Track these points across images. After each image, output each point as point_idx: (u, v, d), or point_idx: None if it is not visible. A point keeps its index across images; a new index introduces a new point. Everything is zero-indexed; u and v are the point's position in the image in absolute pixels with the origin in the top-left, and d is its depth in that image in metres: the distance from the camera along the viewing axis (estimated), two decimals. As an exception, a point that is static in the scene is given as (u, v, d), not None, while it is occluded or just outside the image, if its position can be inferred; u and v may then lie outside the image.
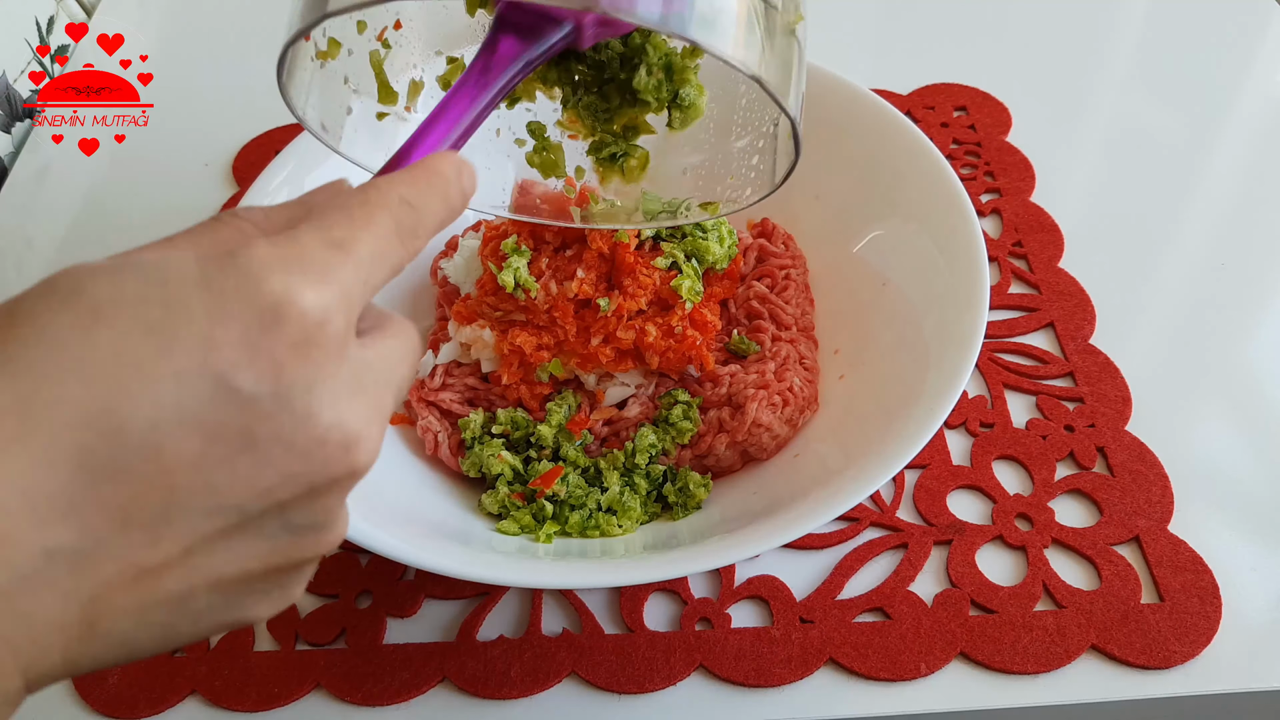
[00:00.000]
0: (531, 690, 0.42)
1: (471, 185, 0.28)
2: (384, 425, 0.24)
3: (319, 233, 0.23)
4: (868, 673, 0.42)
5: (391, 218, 0.25)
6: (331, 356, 0.22)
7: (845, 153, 0.53)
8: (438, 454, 0.47)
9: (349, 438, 0.22)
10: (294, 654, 0.44)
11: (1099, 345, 0.53)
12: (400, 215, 0.25)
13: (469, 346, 0.49)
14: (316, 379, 0.22)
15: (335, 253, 0.23)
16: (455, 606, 0.45)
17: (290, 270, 0.22)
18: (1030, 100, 0.67)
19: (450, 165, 0.27)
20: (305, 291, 0.21)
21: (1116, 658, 0.42)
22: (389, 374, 0.24)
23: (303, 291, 0.21)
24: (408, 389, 0.26)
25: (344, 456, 0.22)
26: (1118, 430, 0.49)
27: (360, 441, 0.23)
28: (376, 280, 0.24)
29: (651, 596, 0.45)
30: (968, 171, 0.63)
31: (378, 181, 0.26)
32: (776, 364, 0.48)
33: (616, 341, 0.46)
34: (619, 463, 0.46)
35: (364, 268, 0.23)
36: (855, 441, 0.44)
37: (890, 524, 0.47)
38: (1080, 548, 0.45)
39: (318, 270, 0.22)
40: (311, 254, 0.22)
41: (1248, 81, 0.69)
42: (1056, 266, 0.57)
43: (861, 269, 0.51)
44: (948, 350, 0.43)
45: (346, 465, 0.22)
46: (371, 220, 0.24)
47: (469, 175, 0.28)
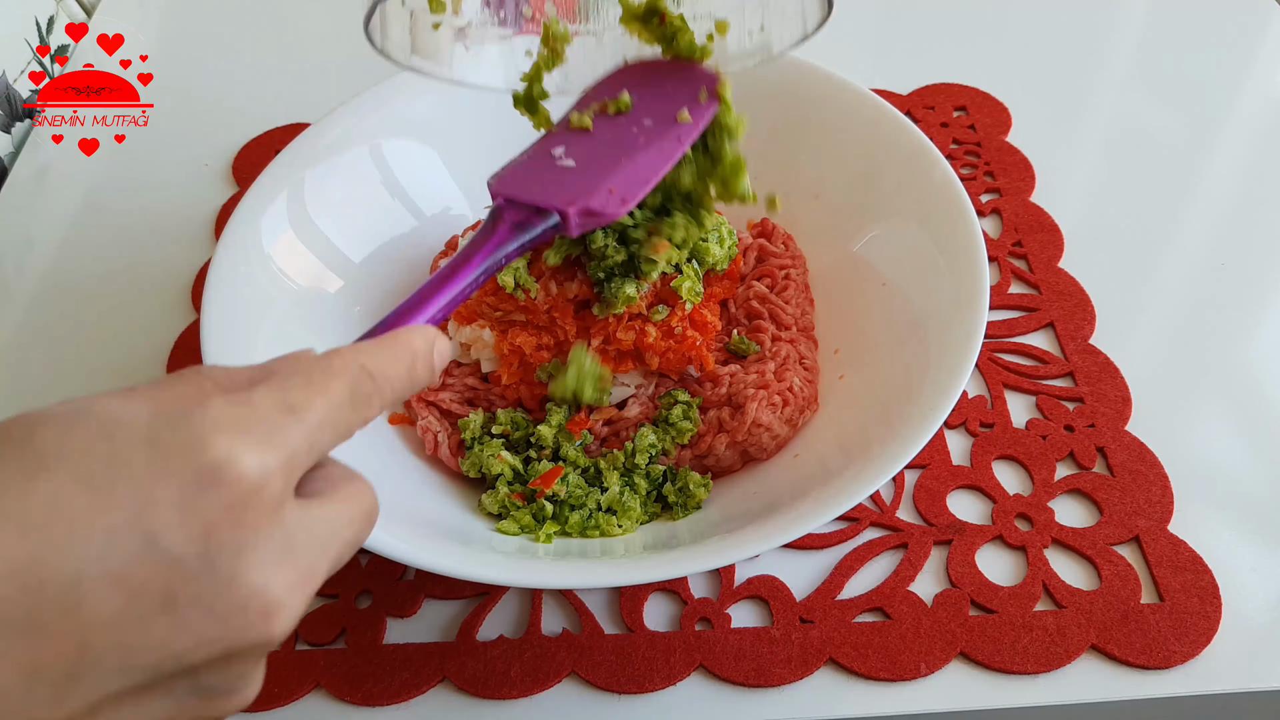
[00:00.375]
0: (531, 690, 0.42)
1: (442, 360, 0.29)
2: (309, 592, 0.24)
3: (274, 395, 0.23)
4: (868, 673, 0.42)
5: (348, 385, 0.25)
6: (265, 520, 0.22)
7: (845, 153, 0.53)
8: (438, 454, 0.47)
9: (269, 605, 0.22)
10: (294, 654, 0.44)
11: (1099, 345, 0.53)
12: (358, 383, 0.26)
13: (469, 346, 0.49)
14: (246, 543, 0.22)
15: (285, 416, 0.23)
16: (455, 606, 0.45)
17: (237, 431, 0.22)
18: (1030, 100, 0.67)
19: (422, 339, 0.28)
20: (247, 454, 0.22)
21: (1116, 658, 0.42)
22: (328, 538, 0.24)
23: (244, 453, 0.22)
24: (354, 549, 0.26)
25: (262, 624, 0.22)
26: (1118, 430, 0.49)
27: (280, 610, 0.22)
28: (324, 444, 0.25)
29: (651, 596, 0.45)
30: (968, 171, 0.63)
31: (342, 349, 0.26)
32: (776, 364, 0.48)
33: (616, 342, 0.46)
34: (619, 463, 0.46)
35: (313, 432, 0.24)
36: (855, 441, 0.44)
37: (890, 524, 0.47)
38: (1080, 548, 0.45)
39: (263, 432, 0.22)
40: (261, 415, 0.23)
41: (1248, 81, 0.69)
42: (1056, 266, 0.57)
43: (861, 269, 0.51)
44: (948, 350, 0.43)
45: (263, 633, 0.22)
46: (328, 386, 0.25)
47: (441, 351, 0.29)
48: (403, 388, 0.27)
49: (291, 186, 0.51)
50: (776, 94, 0.55)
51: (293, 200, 0.51)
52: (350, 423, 0.25)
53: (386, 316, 0.31)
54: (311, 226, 0.51)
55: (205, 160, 0.67)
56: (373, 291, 0.53)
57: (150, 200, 0.65)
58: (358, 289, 0.52)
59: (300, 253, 0.50)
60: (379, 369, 0.26)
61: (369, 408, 0.26)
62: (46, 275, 0.61)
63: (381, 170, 0.54)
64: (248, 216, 0.49)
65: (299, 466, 0.23)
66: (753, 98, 0.56)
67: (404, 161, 0.55)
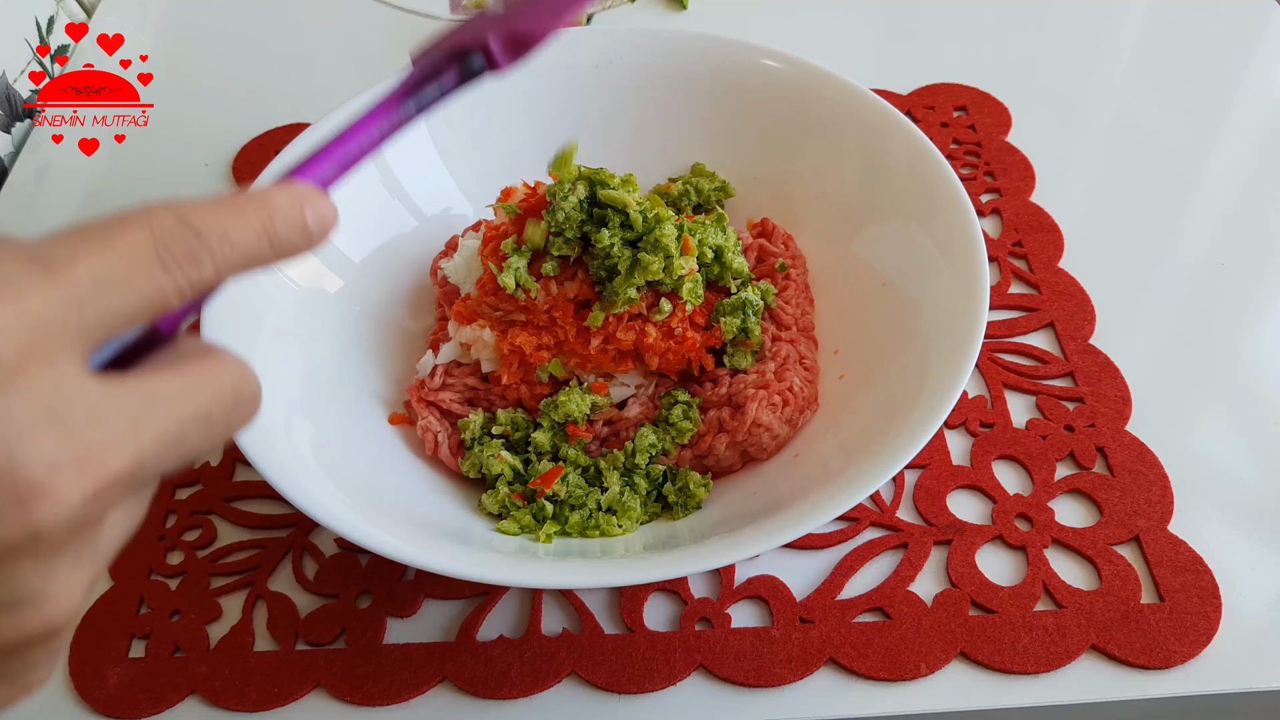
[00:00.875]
0: (531, 690, 0.42)
1: (320, 222, 0.24)
2: (101, 476, 0.19)
3: (28, 249, 0.20)
4: (868, 673, 0.42)
5: (150, 238, 0.21)
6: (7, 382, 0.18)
7: (845, 153, 0.53)
8: (438, 454, 0.47)
9: (21, 481, 0.18)
10: (294, 654, 0.44)
11: (1099, 345, 0.53)
12: (169, 236, 0.21)
13: (469, 346, 0.49)
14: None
15: (31, 269, 0.19)
16: (455, 606, 0.45)
17: None
18: (1030, 100, 0.67)
19: (285, 196, 0.24)
20: None
21: (1116, 658, 0.42)
22: (139, 412, 0.20)
23: None
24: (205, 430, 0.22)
25: (13, 507, 0.18)
26: (1118, 430, 0.49)
27: (42, 492, 0.18)
28: (106, 307, 0.20)
29: (651, 596, 0.45)
30: (968, 171, 0.63)
31: (152, 202, 0.22)
32: (776, 364, 0.48)
33: (616, 342, 0.46)
34: (619, 463, 0.46)
35: (79, 289, 0.20)
36: (855, 441, 0.44)
37: (890, 524, 0.47)
38: (1080, 548, 0.45)
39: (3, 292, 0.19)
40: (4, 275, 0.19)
41: (1248, 81, 0.69)
42: (1056, 266, 0.57)
43: (861, 269, 0.51)
44: (948, 350, 0.43)
45: (20, 522, 0.18)
46: (110, 238, 0.21)
47: (318, 211, 0.24)
48: (255, 248, 0.23)
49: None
50: (777, 94, 0.55)
51: (293, 200, 0.51)
52: (156, 284, 0.21)
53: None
54: (311, 226, 0.51)
55: (205, 160, 0.67)
56: (373, 291, 0.53)
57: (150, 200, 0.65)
58: (358, 289, 0.52)
59: (300, 253, 0.50)
60: (210, 224, 0.22)
61: (194, 266, 0.21)
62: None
63: (381, 170, 0.54)
64: (248, 216, 0.49)
65: (57, 329, 0.19)
66: (753, 97, 0.56)
67: (404, 161, 0.55)
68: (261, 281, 0.48)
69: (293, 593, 0.46)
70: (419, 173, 0.55)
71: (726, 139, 0.57)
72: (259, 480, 0.43)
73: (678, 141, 0.58)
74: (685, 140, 0.58)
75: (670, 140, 0.58)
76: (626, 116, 0.57)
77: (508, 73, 0.30)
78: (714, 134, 0.57)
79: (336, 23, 0.77)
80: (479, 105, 0.53)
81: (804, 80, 0.55)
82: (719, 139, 0.57)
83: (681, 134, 0.58)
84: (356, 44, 0.76)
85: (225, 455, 0.51)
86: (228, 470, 0.50)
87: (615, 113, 0.57)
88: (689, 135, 0.58)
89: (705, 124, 0.57)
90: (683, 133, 0.58)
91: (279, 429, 0.42)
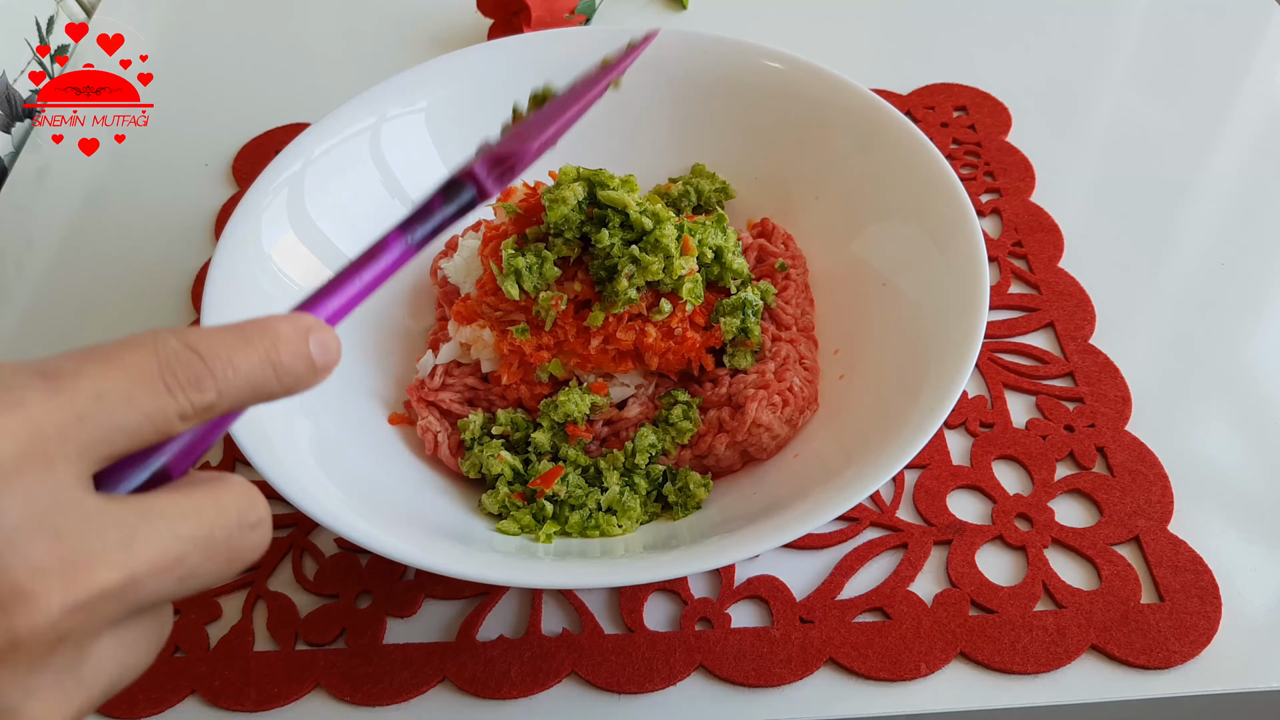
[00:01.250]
0: (531, 690, 0.42)
1: (325, 354, 0.24)
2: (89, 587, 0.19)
3: (34, 362, 0.20)
4: (868, 673, 0.42)
5: (155, 358, 0.21)
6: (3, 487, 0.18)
7: (845, 153, 0.53)
8: (438, 454, 0.47)
9: (3, 588, 0.18)
10: (294, 654, 0.44)
11: (1099, 345, 0.53)
12: (174, 358, 0.21)
13: (469, 346, 0.49)
14: None
15: (35, 379, 0.20)
16: (455, 606, 0.45)
17: None
18: (1030, 100, 0.67)
19: (290, 326, 0.24)
20: None
21: (1116, 658, 0.42)
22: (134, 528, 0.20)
23: None
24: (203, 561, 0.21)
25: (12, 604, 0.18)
26: (1118, 430, 0.49)
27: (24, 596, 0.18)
28: (107, 421, 0.20)
29: (651, 596, 0.45)
30: (968, 171, 0.63)
31: (160, 329, 0.22)
32: (776, 364, 0.48)
33: (616, 342, 0.46)
34: (619, 463, 0.46)
35: (82, 402, 0.20)
36: (855, 441, 0.44)
37: (890, 524, 0.47)
38: (1080, 548, 0.45)
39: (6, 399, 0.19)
40: (5, 379, 0.19)
41: (1248, 81, 0.69)
42: (1056, 266, 0.57)
43: (861, 269, 0.52)
44: (948, 350, 0.43)
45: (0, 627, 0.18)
46: (115, 358, 0.21)
47: (321, 342, 0.24)
48: (259, 375, 0.23)
49: (291, 186, 0.51)
50: (777, 94, 0.55)
51: (293, 200, 0.51)
52: (159, 404, 0.21)
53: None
54: (311, 226, 0.51)
55: (205, 160, 0.67)
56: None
57: (150, 200, 0.65)
58: (358, 289, 0.52)
59: (300, 253, 0.50)
60: (215, 348, 0.22)
61: (197, 390, 0.22)
62: (46, 275, 0.61)
63: (382, 170, 0.54)
64: (247, 216, 0.49)
65: (54, 440, 0.19)
66: (754, 98, 0.56)
67: (404, 162, 0.55)
68: (261, 282, 0.48)
69: (293, 593, 0.46)
70: (419, 173, 0.55)
71: (727, 139, 0.57)
72: (259, 480, 0.43)
73: (678, 141, 0.58)
74: (685, 140, 0.58)
75: (670, 140, 0.58)
76: (626, 116, 0.57)
77: (495, 196, 0.32)
78: (714, 134, 0.57)
79: (336, 23, 0.77)
80: (479, 106, 0.53)
81: (804, 80, 0.55)
82: (719, 139, 0.57)
83: (681, 134, 0.58)
84: (356, 44, 0.76)
85: (225, 455, 0.51)
86: (228, 470, 0.50)
87: (615, 113, 0.57)
88: (689, 135, 0.58)
89: (705, 124, 0.57)
90: (683, 133, 0.58)
91: (279, 429, 0.42)
